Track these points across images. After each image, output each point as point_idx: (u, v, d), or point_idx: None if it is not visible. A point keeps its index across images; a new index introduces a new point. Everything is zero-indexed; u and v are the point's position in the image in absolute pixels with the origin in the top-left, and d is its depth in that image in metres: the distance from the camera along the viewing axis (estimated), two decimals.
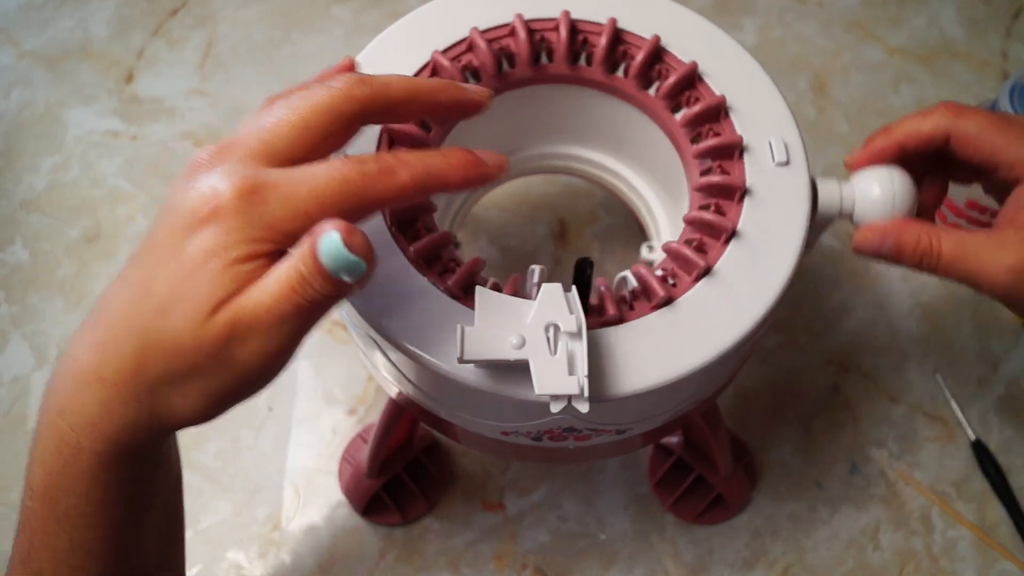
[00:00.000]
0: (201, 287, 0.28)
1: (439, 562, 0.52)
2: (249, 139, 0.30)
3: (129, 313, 0.30)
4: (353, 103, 0.31)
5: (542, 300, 0.32)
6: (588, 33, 0.40)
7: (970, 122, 0.37)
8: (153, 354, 0.29)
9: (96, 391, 0.30)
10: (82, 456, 0.31)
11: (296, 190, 0.28)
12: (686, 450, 0.51)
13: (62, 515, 0.33)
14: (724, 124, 0.39)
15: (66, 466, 0.32)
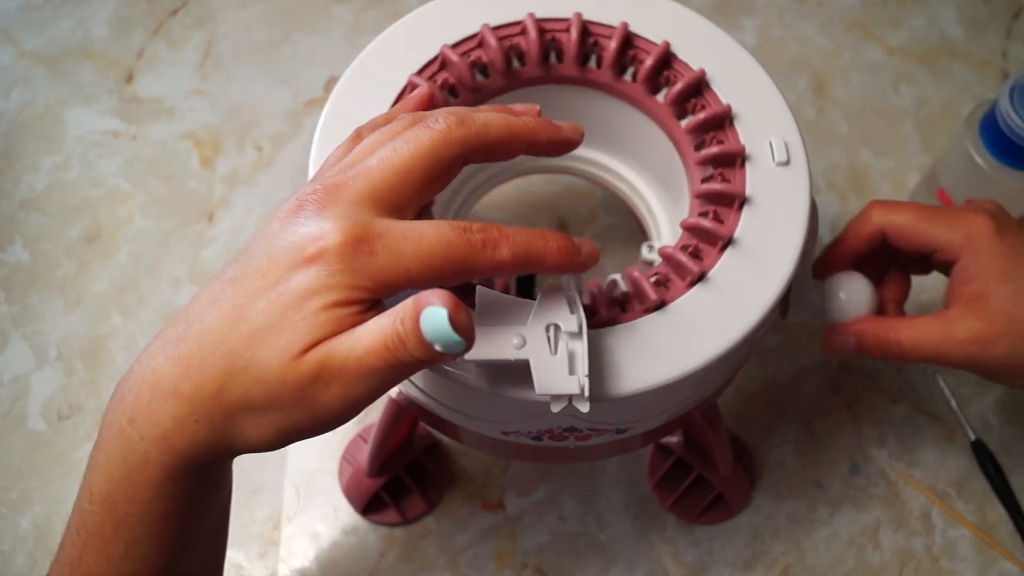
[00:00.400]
0: (298, 323, 0.28)
1: (439, 562, 0.52)
2: (357, 183, 0.30)
3: (219, 334, 0.30)
4: (454, 146, 0.31)
5: (542, 300, 0.32)
6: (599, 36, 0.40)
7: (900, 216, 0.42)
8: (237, 379, 0.29)
9: (173, 405, 0.30)
10: (149, 466, 0.32)
11: (402, 246, 0.29)
12: (686, 450, 0.51)
13: (120, 522, 0.33)
14: (728, 132, 0.39)
15: (131, 474, 0.32)
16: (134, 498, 0.32)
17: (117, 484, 0.32)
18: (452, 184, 0.47)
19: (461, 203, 0.49)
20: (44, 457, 0.54)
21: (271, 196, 0.62)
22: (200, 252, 0.60)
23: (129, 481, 0.32)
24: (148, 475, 0.32)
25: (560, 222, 0.61)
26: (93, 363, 0.56)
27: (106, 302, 0.58)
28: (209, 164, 0.63)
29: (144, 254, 0.60)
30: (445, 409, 0.38)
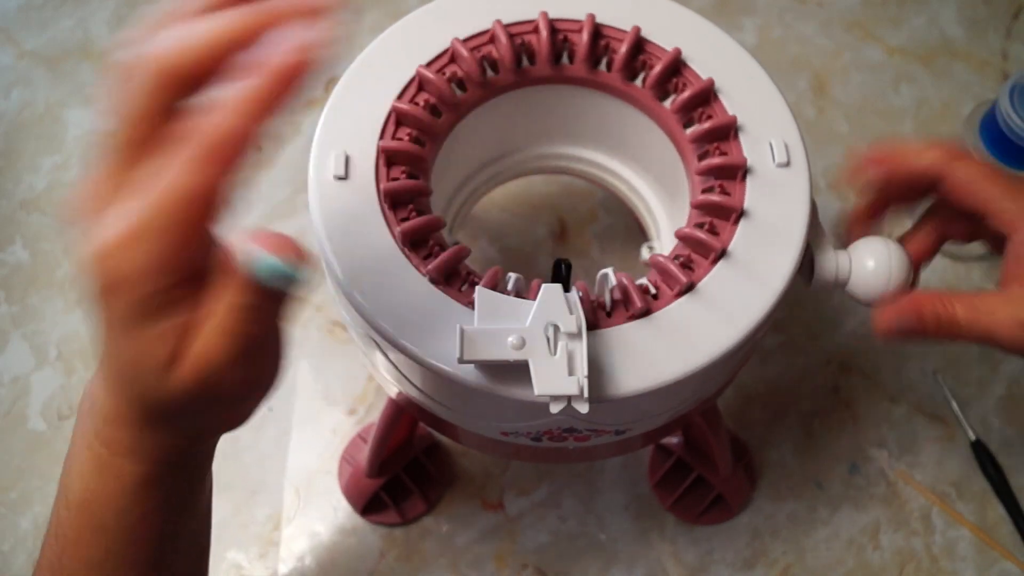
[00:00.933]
0: (141, 355, 0.28)
1: (439, 562, 0.52)
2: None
3: (116, 383, 0.31)
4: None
5: (542, 300, 0.32)
6: (611, 39, 0.40)
7: (965, 168, 0.38)
8: (157, 407, 0.30)
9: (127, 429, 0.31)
10: (124, 475, 0.32)
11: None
12: (686, 450, 0.51)
13: (98, 526, 0.33)
14: (732, 144, 0.38)
15: (107, 482, 0.33)
16: (110, 505, 0.33)
17: (93, 492, 0.33)
18: (451, 184, 0.48)
19: (461, 203, 0.49)
20: (44, 457, 0.54)
21: (271, 196, 0.62)
22: None
23: (106, 489, 0.33)
24: (124, 483, 0.32)
25: (560, 222, 0.61)
26: (93, 363, 0.56)
27: None
28: None
29: None
30: (445, 409, 0.38)
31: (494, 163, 0.49)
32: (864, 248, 0.39)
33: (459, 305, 0.35)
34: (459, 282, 0.35)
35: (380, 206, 0.36)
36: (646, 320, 0.35)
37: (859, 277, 0.38)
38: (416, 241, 0.36)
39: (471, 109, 0.41)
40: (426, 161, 0.38)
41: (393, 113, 0.38)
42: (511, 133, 0.47)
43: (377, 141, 0.37)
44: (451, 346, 0.32)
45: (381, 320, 0.34)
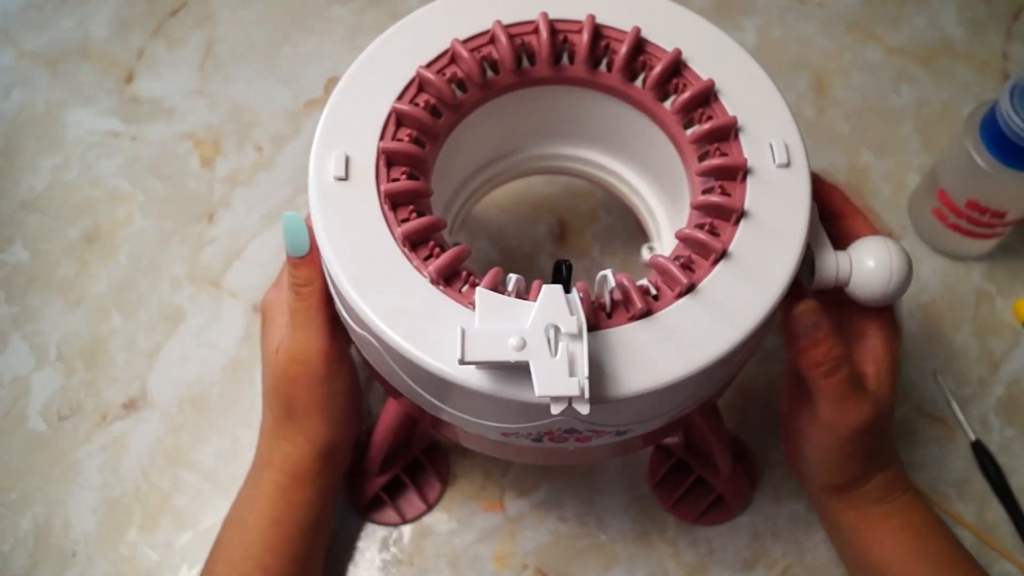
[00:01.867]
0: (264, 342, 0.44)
1: (439, 562, 0.52)
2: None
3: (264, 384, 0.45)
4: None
5: (542, 301, 0.32)
6: (611, 39, 0.40)
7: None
8: (271, 402, 0.44)
9: (266, 440, 0.45)
10: (263, 483, 0.44)
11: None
12: (686, 451, 0.51)
13: (241, 529, 0.44)
14: (732, 145, 0.38)
15: (251, 492, 0.45)
16: (252, 508, 0.44)
17: (243, 503, 0.45)
18: (452, 185, 0.48)
19: (462, 204, 0.49)
20: (44, 457, 0.54)
21: (271, 196, 0.62)
22: (200, 252, 0.60)
23: (250, 497, 0.45)
24: (263, 489, 0.44)
25: (560, 222, 0.61)
26: (93, 363, 0.56)
27: (106, 302, 0.58)
28: (209, 164, 0.63)
29: (144, 254, 0.60)
30: (445, 411, 0.38)
31: (494, 164, 0.49)
32: (864, 248, 0.39)
33: (460, 306, 0.35)
34: (459, 283, 0.35)
35: (380, 207, 0.36)
36: (647, 321, 0.35)
37: (859, 277, 0.38)
38: (416, 242, 0.36)
39: (471, 110, 0.41)
40: (426, 162, 0.38)
41: (393, 114, 0.38)
42: (511, 134, 0.47)
43: (377, 142, 0.37)
44: (452, 347, 0.32)
45: (381, 321, 0.34)
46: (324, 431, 0.44)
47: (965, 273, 0.60)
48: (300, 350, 0.41)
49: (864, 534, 0.44)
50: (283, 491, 0.44)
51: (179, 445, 0.54)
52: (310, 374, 0.41)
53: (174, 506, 0.52)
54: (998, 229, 0.57)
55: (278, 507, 0.44)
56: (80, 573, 0.51)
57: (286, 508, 0.44)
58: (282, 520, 0.44)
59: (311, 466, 0.44)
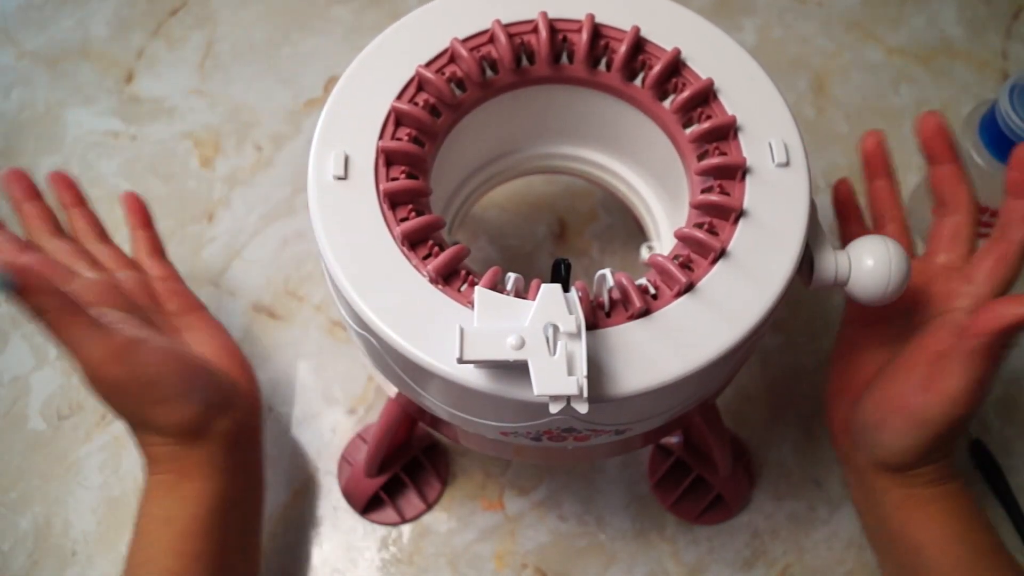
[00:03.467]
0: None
1: (439, 562, 0.52)
2: None
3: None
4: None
5: (541, 300, 0.32)
6: (610, 39, 0.40)
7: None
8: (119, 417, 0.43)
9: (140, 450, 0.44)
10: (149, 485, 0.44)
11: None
12: (686, 450, 0.51)
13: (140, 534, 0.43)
14: (731, 144, 0.38)
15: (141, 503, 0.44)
16: (143, 511, 0.43)
17: (137, 516, 0.43)
18: (451, 184, 0.48)
19: (461, 203, 0.49)
20: (44, 457, 0.54)
21: (271, 196, 0.62)
22: (200, 252, 0.60)
23: (140, 507, 0.43)
24: (149, 491, 0.43)
25: (560, 222, 0.61)
26: None
27: None
28: (209, 164, 0.63)
29: None
30: (444, 410, 0.38)
31: (494, 163, 0.49)
32: (863, 247, 0.39)
33: (458, 305, 0.35)
34: (459, 282, 0.35)
35: (380, 206, 0.36)
36: (646, 320, 0.35)
37: (858, 277, 0.38)
38: (415, 241, 0.36)
39: (471, 109, 0.41)
40: (425, 161, 0.38)
41: (392, 113, 0.38)
42: (511, 133, 0.47)
43: (377, 141, 0.37)
44: (450, 346, 0.32)
45: (380, 320, 0.34)
46: (171, 417, 0.42)
47: None
48: (88, 363, 0.39)
49: (908, 513, 0.43)
50: (169, 488, 0.42)
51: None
52: (112, 377, 0.40)
53: None
54: None
55: (168, 505, 0.42)
56: (80, 573, 0.51)
57: (178, 504, 0.42)
58: (175, 517, 0.42)
59: (187, 455, 0.42)
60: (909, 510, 0.43)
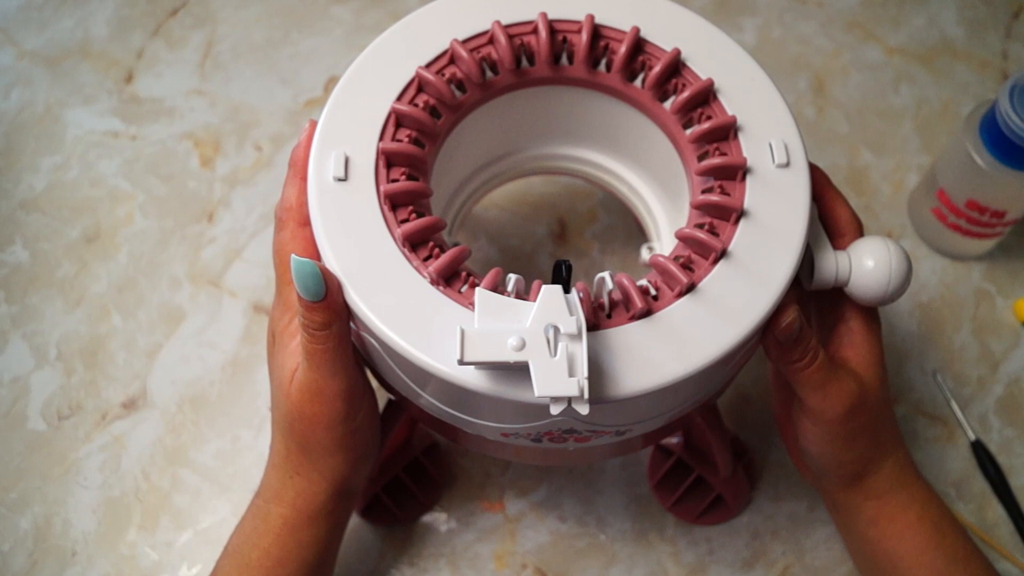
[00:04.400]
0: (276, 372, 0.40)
1: (439, 562, 0.52)
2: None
3: (275, 411, 0.41)
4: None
5: (542, 301, 0.32)
6: (610, 40, 0.40)
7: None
8: (285, 436, 0.41)
9: (276, 472, 0.42)
10: (270, 518, 0.41)
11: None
12: (686, 451, 0.51)
13: (241, 564, 0.42)
14: (732, 144, 0.38)
15: (256, 526, 0.42)
16: (258, 544, 0.41)
17: (246, 536, 0.42)
18: (451, 185, 0.48)
19: (461, 204, 0.49)
20: (44, 457, 0.54)
21: (271, 196, 0.62)
22: (200, 252, 0.60)
23: (255, 531, 0.42)
24: (270, 524, 0.41)
25: (560, 222, 0.61)
26: (93, 363, 0.56)
27: (106, 302, 0.58)
28: (209, 164, 0.63)
29: (144, 254, 0.60)
30: (444, 411, 0.38)
31: (494, 164, 0.49)
32: (864, 248, 0.39)
33: (459, 306, 0.35)
34: (459, 283, 0.35)
35: (380, 208, 0.36)
36: (646, 321, 0.35)
37: (859, 277, 0.38)
38: (416, 243, 0.36)
39: (471, 110, 0.41)
40: (426, 162, 0.38)
41: (393, 114, 0.38)
42: (511, 134, 0.47)
43: (377, 142, 0.37)
44: (451, 348, 0.32)
45: (381, 322, 0.34)
46: (343, 469, 0.41)
47: (965, 273, 0.60)
48: (317, 391, 0.38)
49: (881, 528, 0.44)
50: (292, 528, 0.41)
51: (179, 445, 0.54)
52: (330, 415, 0.38)
53: (174, 506, 0.52)
54: (997, 229, 0.57)
55: (286, 546, 0.41)
56: (80, 573, 0.51)
57: (294, 547, 0.41)
58: (288, 560, 0.41)
59: (325, 504, 0.41)
60: (882, 525, 0.44)
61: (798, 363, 0.38)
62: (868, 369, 0.41)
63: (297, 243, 0.37)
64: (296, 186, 0.38)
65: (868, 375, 0.41)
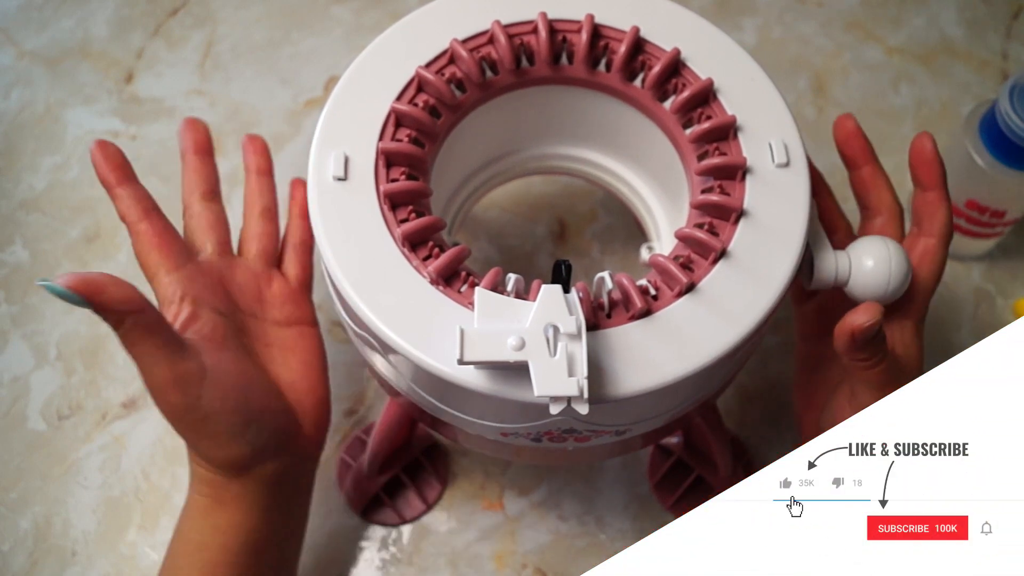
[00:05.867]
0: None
1: (439, 562, 0.52)
2: None
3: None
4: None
5: (542, 301, 0.32)
6: (610, 39, 0.40)
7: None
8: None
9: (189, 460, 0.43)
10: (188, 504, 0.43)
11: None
12: (686, 450, 0.51)
13: (173, 554, 0.43)
14: (731, 144, 0.38)
15: (181, 517, 0.43)
16: (179, 529, 0.43)
17: (175, 530, 0.43)
18: (451, 185, 0.48)
19: (461, 204, 0.49)
20: (44, 457, 0.54)
21: None
22: None
23: (178, 523, 0.43)
24: (188, 511, 0.42)
25: (560, 222, 0.61)
26: (93, 363, 0.56)
27: None
28: None
29: None
30: (444, 411, 0.38)
31: (494, 164, 0.49)
32: (863, 248, 0.39)
33: (459, 306, 0.35)
34: (459, 283, 0.35)
35: (380, 207, 0.36)
36: (646, 320, 0.35)
37: (859, 277, 0.38)
38: (416, 242, 0.36)
39: (470, 110, 0.41)
40: (426, 162, 0.38)
41: (392, 114, 0.38)
42: (510, 134, 0.47)
43: (376, 142, 0.37)
44: (451, 347, 0.32)
45: (380, 322, 0.34)
46: (217, 452, 0.40)
47: (964, 273, 0.60)
48: (151, 384, 0.38)
49: None
50: (205, 513, 0.41)
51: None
52: (169, 403, 0.38)
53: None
54: (997, 229, 0.57)
55: (203, 531, 0.41)
56: (80, 573, 0.51)
57: (211, 531, 0.41)
58: (207, 544, 0.41)
59: (227, 486, 0.41)
60: None
61: (867, 361, 0.38)
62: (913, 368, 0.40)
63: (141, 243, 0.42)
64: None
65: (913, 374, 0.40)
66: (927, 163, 0.43)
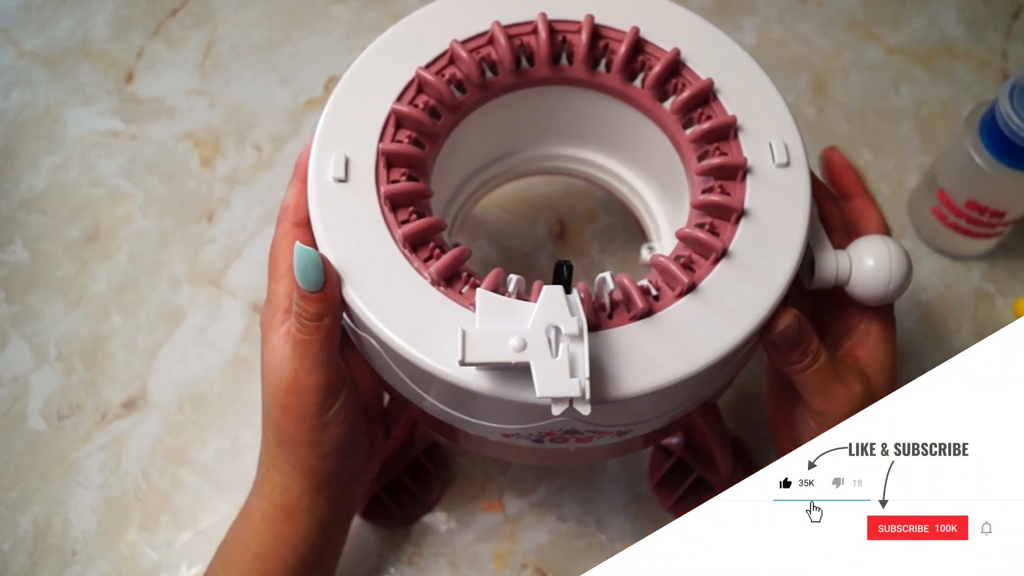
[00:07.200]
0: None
1: (439, 562, 0.52)
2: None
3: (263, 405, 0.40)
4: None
5: (543, 302, 0.32)
6: (610, 40, 0.40)
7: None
8: (265, 427, 0.40)
9: (260, 466, 0.42)
10: (252, 512, 0.42)
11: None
12: (686, 451, 0.51)
13: (225, 561, 0.42)
14: (732, 144, 0.38)
15: (239, 521, 0.43)
16: (239, 539, 0.42)
17: (232, 532, 0.43)
18: (451, 186, 0.48)
19: (461, 204, 0.49)
20: (44, 457, 0.54)
21: (271, 196, 0.62)
22: (200, 252, 0.60)
23: (237, 527, 0.42)
24: (250, 519, 0.42)
25: (560, 222, 0.61)
26: (93, 363, 0.56)
27: (106, 302, 0.58)
28: (209, 164, 0.63)
29: (144, 254, 0.60)
30: (445, 412, 0.38)
31: (494, 164, 0.49)
32: (864, 248, 0.39)
33: (460, 307, 0.35)
34: (460, 284, 0.35)
35: (380, 208, 0.36)
36: (647, 321, 0.35)
37: (859, 277, 0.38)
38: (417, 243, 0.36)
39: (471, 111, 0.41)
40: (426, 163, 0.38)
41: (393, 115, 0.38)
42: (511, 134, 0.47)
43: (377, 143, 0.37)
44: (452, 349, 0.32)
45: (382, 323, 0.34)
46: (312, 463, 0.40)
47: (964, 273, 0.61)
48: (295, 381, 0.37)
49: None
50: (270, 523, 0.41)
51: (179, 444, 0.54)
52: (303, 406, 0.38)
53: (174, 505, 0.52)
54: (997, 229, 0.57)
55: (263, 541, 0.41)
56: (80, 573, 0.51)
57: (271, 543, 0.41)
58: (267, 555, 0.41)
59: (300, 498, 0.41)
60: None
61: (798, 364, 0.38)
62: (878, 372, 0.41)
63: (288, 241, 0.38)
64: (295, 188, 0.38)
65: (877, 378, 0.41)
66: (843, 173, 0.44)
